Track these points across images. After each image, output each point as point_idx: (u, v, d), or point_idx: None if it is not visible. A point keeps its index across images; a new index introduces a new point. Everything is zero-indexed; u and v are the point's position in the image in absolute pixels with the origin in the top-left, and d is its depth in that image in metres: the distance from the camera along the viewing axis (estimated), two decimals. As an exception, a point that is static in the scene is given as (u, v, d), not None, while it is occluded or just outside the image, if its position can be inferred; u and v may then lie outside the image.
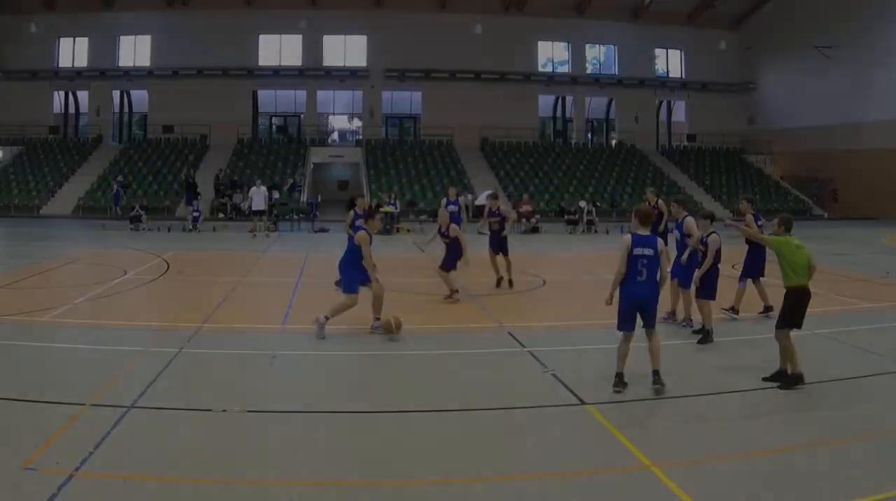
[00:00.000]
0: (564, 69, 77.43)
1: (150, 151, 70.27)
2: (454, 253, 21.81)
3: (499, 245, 24.80)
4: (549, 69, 77.31)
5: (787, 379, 13.29)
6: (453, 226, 22.18)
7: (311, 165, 69.72)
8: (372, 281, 17.49)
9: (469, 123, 72.32)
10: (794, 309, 13.36)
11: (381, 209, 46.44)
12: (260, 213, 45.95)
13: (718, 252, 17.78)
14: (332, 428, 11.28)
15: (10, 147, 70.58)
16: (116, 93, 76.93)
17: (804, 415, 12.19)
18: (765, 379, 13.41)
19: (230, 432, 10.93)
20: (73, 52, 74.81)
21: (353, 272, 17.68)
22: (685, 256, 18.42)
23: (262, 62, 74.65)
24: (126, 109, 78.70)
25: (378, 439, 10.82)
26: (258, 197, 46.57)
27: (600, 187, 65.06)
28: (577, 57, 77.09)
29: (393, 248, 36.46)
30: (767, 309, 19.47)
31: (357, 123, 78.83)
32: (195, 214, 48.30)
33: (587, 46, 77.56)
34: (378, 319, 17.56)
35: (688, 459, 10.13)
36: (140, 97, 76.79)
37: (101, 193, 60.33)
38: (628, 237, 13.15)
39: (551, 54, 77.31)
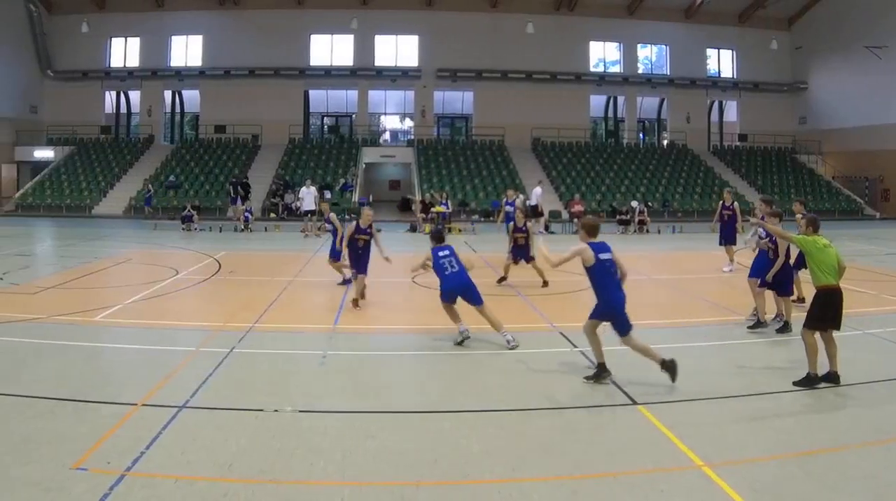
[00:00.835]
0: (616, 69, 76.88)
1: (202, 151, 70.49)
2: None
3: (523, 255, 25.23)
4: (600, 69, 76.67)
5: (832, 378, 13.35)
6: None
7: (363, 165, 69.56)
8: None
9: (521, 123, 72.00)
10: (823, 309, 13.32)
11: (433, 209, 46.45)
12: (310, 213, 46.00)
13: (788, 249, 17.86)
14: (384, 428, 11.24)
15: (62, 147, 70.87)
16: (168, 93, 77.16)
17: (858, 415, 12.07)
18: (796, 383, 13.35)
19: (281, 432, 10.92)
20: (125, 52, 75.02)
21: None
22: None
23: (313, 62, 74.46)
24: (178, 109, 79.08)
25: (430, 439, 10.80)
26: (308, 197, 46.67)
27: (652, 187, 64.65)
28: (629, 57, 76.44)
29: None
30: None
31: (409, 123, 78.50)
32: (247, 214, 48.44)
33: (639, 46, 76.82)
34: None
35: (740, 459, 10.07)
36: (192, 97, 77.10)
37: (153, 193, 60.61)
38: (585, 246, 13.70)
39: (603, 54, 76.76)
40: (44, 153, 70.82)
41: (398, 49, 74.96)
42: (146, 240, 39.10)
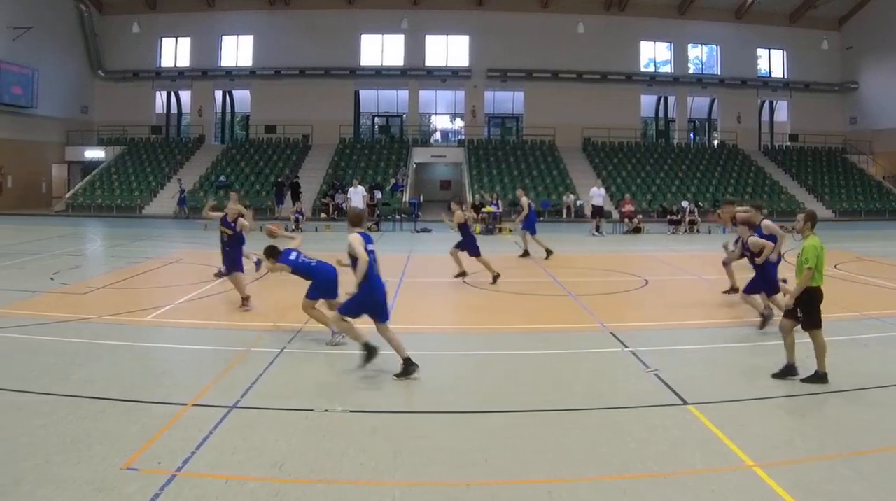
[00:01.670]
0: (667, 69, 76.60)
1: (252, 151, 70.83)
2: None
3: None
4: (651, 69, 76.50)
5: (790, 370, 13.61)
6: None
7: (414, 165, 69.60)
8: None
9: (571, 123, 71.83)
10: (817, 310, 13.57)
11: (484, 209, 46.43)
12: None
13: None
14: (434, 428, 11.25)
15: (112, 147, 71.52)
16: (219, 93, 77.76)
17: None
18: (805, 381, 13.41)
19: (332, 432, 10.93)
20: (176, 52, 75.56)
21: None
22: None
23: (364, 62, 74.72)
24: (228, 109, 79.58)
25: (480, 439, 10.76)
26: (356, 197, 46.78)
27: (702, 187, 64.30)
28: (680, 57, 76.15)
29: (495, 248, 36.35)
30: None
31: (459, 123, 78.61)
32: (297, 215, 48.56)
33: (689, 46, 76.54)
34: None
35: (790, 458, 10.05)
36: (242, 97, 77.56)
37: (203, 193, 60.82)
38: (358, 236, 14.26)
39: (653, 54, 76.50)
40: (94, 153, 71.46)
41: (449, 49, 74.99)
42: (196, 240, 39.18)
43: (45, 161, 69.18)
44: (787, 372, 13.59)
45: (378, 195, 55.74)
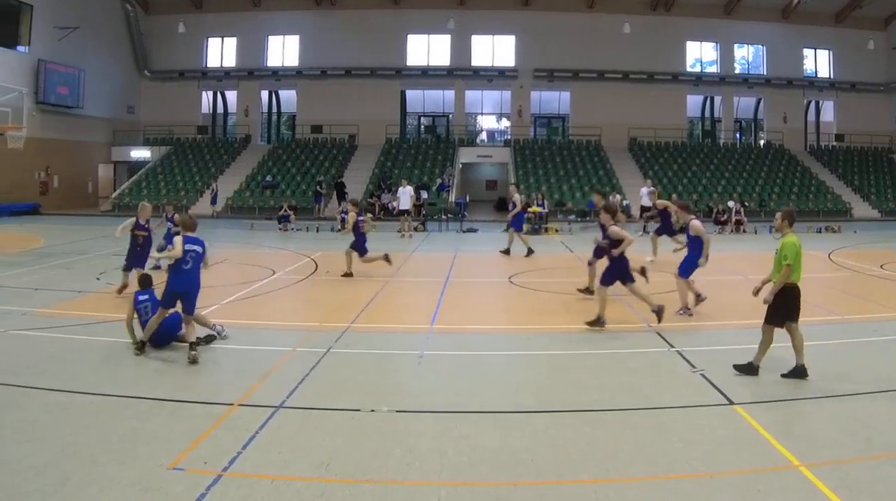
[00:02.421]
0: (713, 69, 76.12)
1: (298, 151, 70.94)
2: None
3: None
4: (697, 69, 76.07)
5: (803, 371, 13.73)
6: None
7: (460, 165, 69.48)
8: None
9: (617, 123, 71.51)
10: (797, 304, 13.91)
11: (530, 209, 46.36)
12: (406, 213, 46.11)
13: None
14: (480, 429, 11.26)
15: (158, 147, 71.89)
16: (265, 93, 77.98)
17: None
18: (784, 376, 13.73)
19: (378, 432, 10.96)
20: (222, 51, 75.89)
21: None
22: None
23: (410, 62, 74.68)
24: (274, 109, 79.79)
25: (528, 439, 10.77)
26: (405, 196, 46.80)
27: (749, 187, 63.87)
28: (726, 57, 75.64)
29: (541, 248, 36.29)
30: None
31: (505, 123, 78.34)
32: (343, 215, 48.61)
33: (735, 46, 76.06)
34: None
35: (836, 459, 9.99)
36: (288, 97, 77.75)
37: (249, 193, 61.09)
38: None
39: (699, 54, 76.13)
40: (140, 153, 71.89)
41: (495, 49, 74.77)
42: (242, 240, 39.26)
43: (92, 161, 69.59)
44: (749, 370, 13.92)
45: (424, 195, 55.73)
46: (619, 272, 18.73)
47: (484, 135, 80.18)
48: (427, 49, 74.91)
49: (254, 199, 60.22)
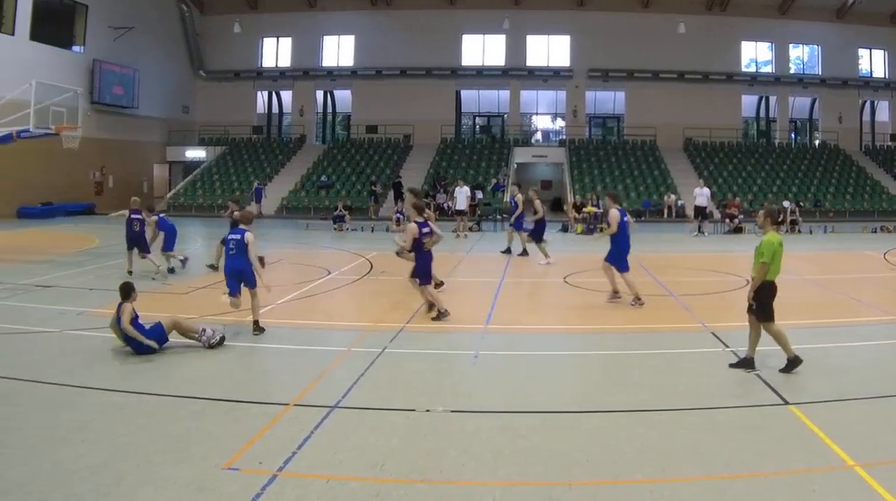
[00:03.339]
0: (768, 69, 75.71)
1: (353, 151, 71.19)
2: None
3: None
4: (752, 69, 75.69)
5: (747, 363, 14.26)
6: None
7: (515, 165, 69.29)
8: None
9: (672, 123, 71.28)
10: (770, 304, 14.12)
11: (585, 209, 46.26)
12: (461, 213, 46.07)
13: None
14: (535, 428, 11.22)
15: (213, 147, 72.36)
16: (320, 93, 78.32)
17: None
18: (782, 371, 13.92)
19: (433, 432, 10.98)
20: (277, 52, 76.40)
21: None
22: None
23: (465, 62, 74.81)
24: (329, 109, 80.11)
25: (581, 439, 10.75)
26: (461, 196, 46.74)
27: (804, 187, 63.47)
28: (781, 57, 75.18)
29: (596, 248, 36.23)
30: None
31: (560, 123, 78.15)
32: (398, 215, 48.63)
33: (790, 46, 75.59)
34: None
35: (892, 459, 9.90)
36: (343, 97, 78.17)
37: (304, 193, 61.36)
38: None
39: (754, 54, 75.78)
40: (195, 153, 72.56)
41: (550, 49, 74.65)
42: (298, 240, 39.32)
43: (147, 161, 70.17)
44: (745, 364, 14.22)
45: (479, 195, 55.65)
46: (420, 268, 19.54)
47: (539, 135, 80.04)
48: (482, 49, 74.96)
49: (309, 199, 60.55)
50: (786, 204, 51.05)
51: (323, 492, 8.93)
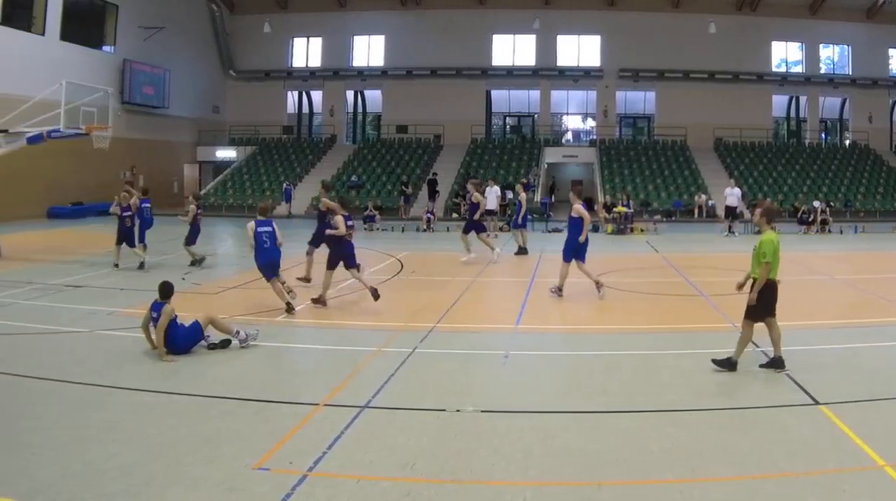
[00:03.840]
0: (798, 69, 75.41)
1: (384, 151, 71.22)
2: None
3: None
4: (782, 69, 75.38)
5: (777, 363, 14.18)
6: None
7: (545, 165, 69.33)
8: None
9: (703, 123, 70.93)
10: (774, 300, 14.29)
11: (615, 209, 46.18)
12: (491, 213, 45.98)
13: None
14: (565, 428, 11.24)
15: (243, 147, 72.55)
16: (350, 93, 78.28)
17: None
18: (762, 366, 14.36)
19: (463, 432, 10.99)
20: (307, 52, 76.45)
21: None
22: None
23: (495, 62, 74.66)
24: (359, 109, 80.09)
25: (611, 439, 10.76)
26: (491, 196, 46.66)
27: (834, 187, 63.17)
28: (811, 57, 74.87)
29: (627, 248, 36.13)
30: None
31: (591, 123, 77.99)
32: (428, 215, 48.61)
33: (821, 46, 75.26)
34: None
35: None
36: (374, 97, 78.14)
37: (334, 193, 61.02)
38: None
39: (785, 54, 75.52)
40: (226, 153, 72.71)
41: (580, 49, 74.46)
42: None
43: (177, 161, 70.36)
44: (775, 364, 14.22)
45: (509, 195, 55.48)
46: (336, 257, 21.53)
47: (569, 136, 79.83)
48: (512, 49, 74.70)
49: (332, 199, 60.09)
50: (816, 204, 50.86)
51: (353, 492, 8.95)
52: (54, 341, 16.70)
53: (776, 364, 14.02)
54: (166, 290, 15.65)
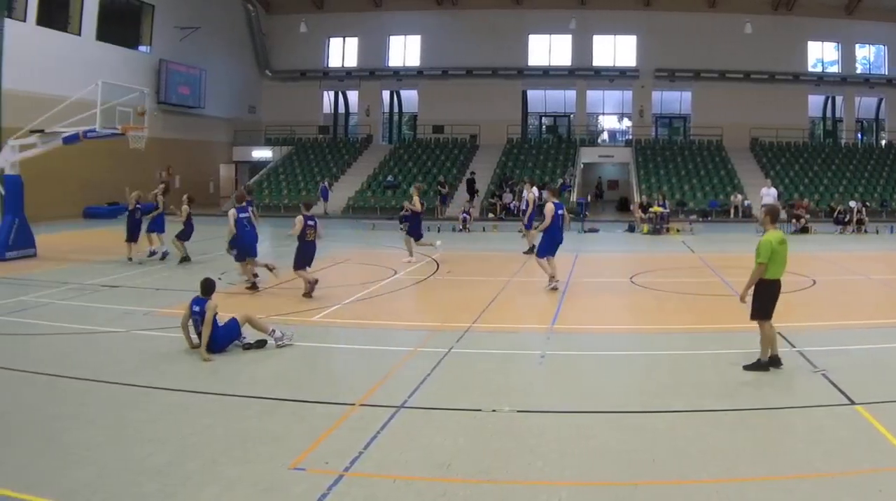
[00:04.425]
0: (834, 69, 74.98)
1: (420, 151, 71.23)
2: None
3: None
4: (818, 69, 74.93)
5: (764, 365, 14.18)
6: None
7: (581, 165, 69.10)
8: None
9: (739, 123, 70.51)
10: (772, 300, 14.38)
11: (651, 209, 46.06)
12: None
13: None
14: (601, 429, 11.24)
15: (279, 147, 72.63)
16: (386, 93, 78.31)
17: None
18: (746, 368, 14.19)
19: (499, 432, 10.98)
20: (343, 52, 76.60)
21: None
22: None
23: (531, 62, 74.47)
24: (396, 109, 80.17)
25: (647, 439, 10.74)
26: (530, 197, 46.63)
27: (870, 187, 62.64)
28: (847, 57, 74.39)
29: (663, 248, 36.05)
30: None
31: (627, 123, 77.88)
32: (465, 215, 48.55)
33: (857, 46, 74.86)
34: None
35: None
36: (410, 97, 78.19)
37: (370, 193, 61.41)
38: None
39: (821, 54, 75.15)
40: (262, 153, 72.89)
41: (616, 49, 74.25)
42: (364, 240, 39.32)
43: (213, 161, 70.66)
44: (759, 367, 14.19)
45: (544, 195, 55.45)
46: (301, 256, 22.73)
47: (605, 135, 79.86)
48: (548, 49, 74.53)
49: (375, 199, 60.52)
50: (852, 204, 50.57)
51: (389, 492, 8.95)
52: (90, 341, 16.80)
53: (760, 366, 14.07)
54: (208, 287, 15.72)
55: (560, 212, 23.93)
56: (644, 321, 19.72)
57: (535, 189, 40.10)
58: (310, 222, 21.95)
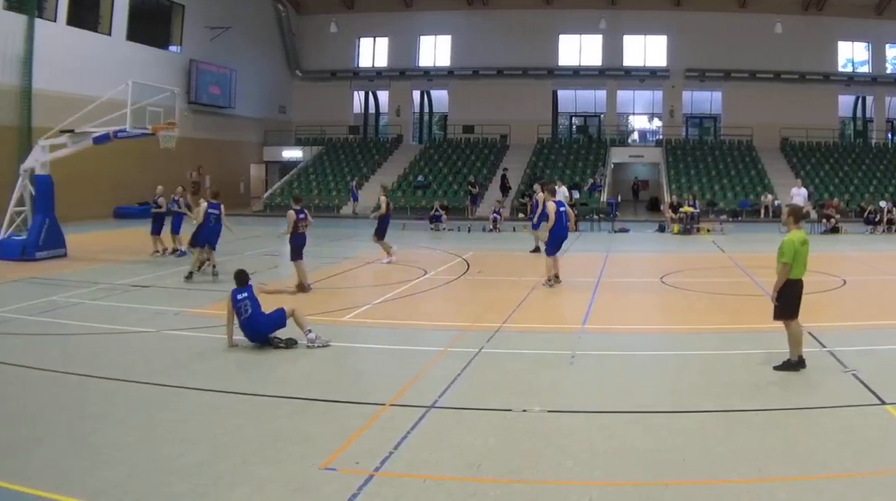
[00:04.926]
0: (864, 69, 74.60)
1: (450, 151, 71.20)
2: None
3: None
4: (848, 69, 74.59)
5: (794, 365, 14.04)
6: None
7: (612, 165, 69.10)
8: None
9: (769, 123, 70.30)
10: (796, 300, 14.27)
11: (682, 209, 45.96)
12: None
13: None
14: (632, 429, 11.21)
15: (310, 147, 72.77)
16: (416, 93, 78.36)
17: None
18: (776, 368, 14.10)
19: (529, 432, 10.98)
20: (373, 52, 76.66)
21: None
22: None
23: (561, 62, 74.38)
24: (426, 109, 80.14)
25: (677, 439, 10.73)
26: (558, 196, 46.51)
27: (901, 187, 62.72)
28: (878, 57, 74.10)
29: (693, 248, 35.99)
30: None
31: (657, 123, 77.79)
32: (495, 215, 48.54)
33: (887, 46, 74.47)
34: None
35: None
36: (440, 97, 78.21)
37: (401, 193, 61.32)
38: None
39: (851, 54, 74.81)
40: (292, 153, 73.04)
41: (646, 49, 74.08)
42: (395, 241, 39.23)
43: (244, 161, 70.83)
44: (788, 366, 14.10)
45: (576, 195, 55.29)
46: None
47: (636, 136, 79.61)
48: (579, 49, 74.42)
49: (405, 199, 60.33)
50: (883, 204, 50.31)
51: (419, 492, 8.96)
52: (120, 341, 16.89)
53: (790, 365, 13.98)
54: (243, 277, 16.04)
55: (562, 208, 24.66)
56: (674, 321, 19.72)
57: (564, 188, 40.01)
58: (300, 215, 23.15)
